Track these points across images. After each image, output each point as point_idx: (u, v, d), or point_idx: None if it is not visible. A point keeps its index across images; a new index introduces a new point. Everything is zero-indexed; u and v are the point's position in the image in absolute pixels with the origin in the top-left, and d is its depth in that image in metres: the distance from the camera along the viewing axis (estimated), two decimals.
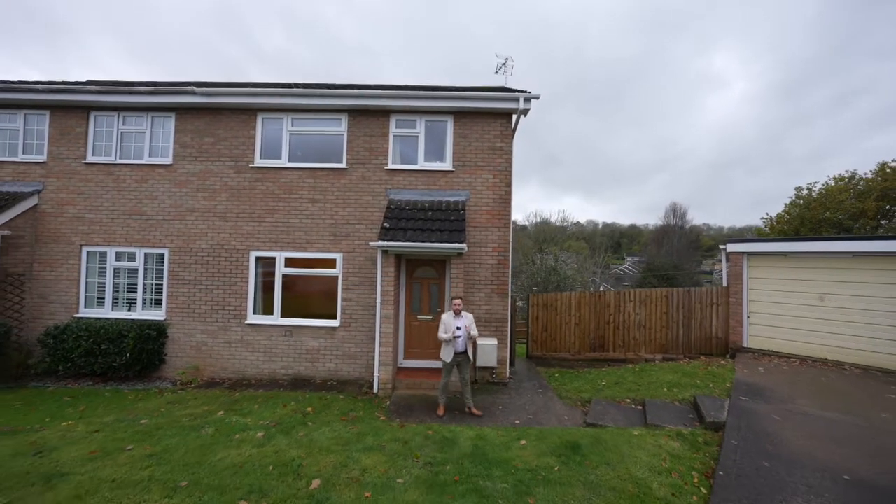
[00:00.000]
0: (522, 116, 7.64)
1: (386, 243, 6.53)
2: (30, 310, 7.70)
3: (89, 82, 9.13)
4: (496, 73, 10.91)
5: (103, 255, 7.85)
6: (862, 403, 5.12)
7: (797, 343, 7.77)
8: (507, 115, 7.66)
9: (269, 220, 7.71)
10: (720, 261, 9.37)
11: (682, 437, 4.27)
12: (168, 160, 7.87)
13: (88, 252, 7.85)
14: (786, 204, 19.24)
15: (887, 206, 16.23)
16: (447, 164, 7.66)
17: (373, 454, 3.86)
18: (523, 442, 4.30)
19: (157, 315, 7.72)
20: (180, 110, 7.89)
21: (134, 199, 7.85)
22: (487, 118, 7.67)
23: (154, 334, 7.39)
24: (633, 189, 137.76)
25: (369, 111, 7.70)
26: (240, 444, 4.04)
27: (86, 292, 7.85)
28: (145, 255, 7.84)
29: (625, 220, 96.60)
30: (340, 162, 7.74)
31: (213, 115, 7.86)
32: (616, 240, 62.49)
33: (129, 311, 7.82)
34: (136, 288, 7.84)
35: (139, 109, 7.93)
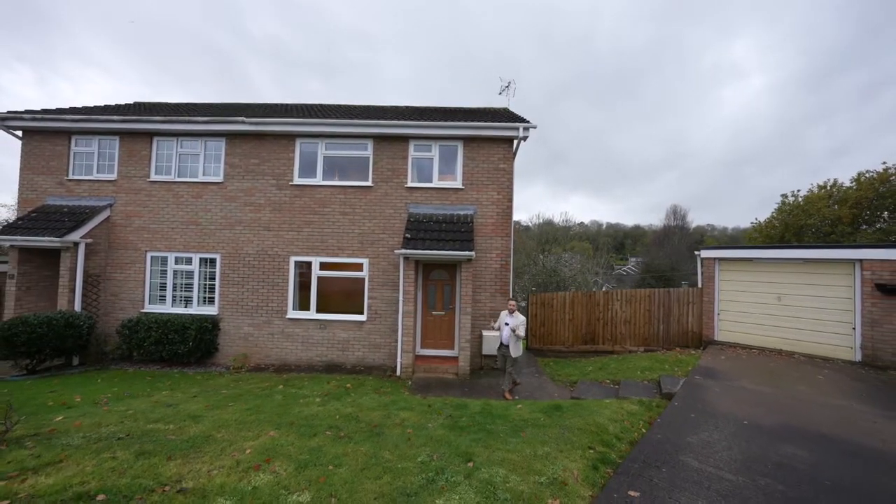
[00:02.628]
0: (522, 142, 8.95)
1: (408, 251, 7.86)
2: (104, 305, 9.11)
3: (138, 105, 10.56)
4: (500, 93, 12.30)
5: (164, 260, 9.25)
6: (793, 381, 6.38)
7: (759, 336, 9.00)
8: (508, 140, 8.97)
9: (306, 229, 9.06)
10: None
11: (641, 402, 5.56)
12: (219, 178, 9.25)
13: (152, 257, 9.25)
14: (773, 210, 20.52)
15: (867, 213, 17.39)
16: (458, 183, 8.99)
17: (407, 412, 5.19)
18: (520, 406, 5.61)
19: (211, 310, 9.09)
20: (230, 136, 9.27)
21: (190, 211, 9.24)
22: (492, 143, 8.99)
23: (210, 326, 8.77)
24: (641, 188, 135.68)
25: (391, 137, 9.04)
26: (307, 405, 5.40)
27: (149, 291, 9.26)
28: (200, 259, 9.22)
29: (633, 220, 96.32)
30: (367, 180, 9.09)
31: (258, 140, 9.23)
32: (620, 240, 63.32)
33: (185, 307, 9.21)
34: (191, 287, 9.22)
35: (195, 135, 9.32)
